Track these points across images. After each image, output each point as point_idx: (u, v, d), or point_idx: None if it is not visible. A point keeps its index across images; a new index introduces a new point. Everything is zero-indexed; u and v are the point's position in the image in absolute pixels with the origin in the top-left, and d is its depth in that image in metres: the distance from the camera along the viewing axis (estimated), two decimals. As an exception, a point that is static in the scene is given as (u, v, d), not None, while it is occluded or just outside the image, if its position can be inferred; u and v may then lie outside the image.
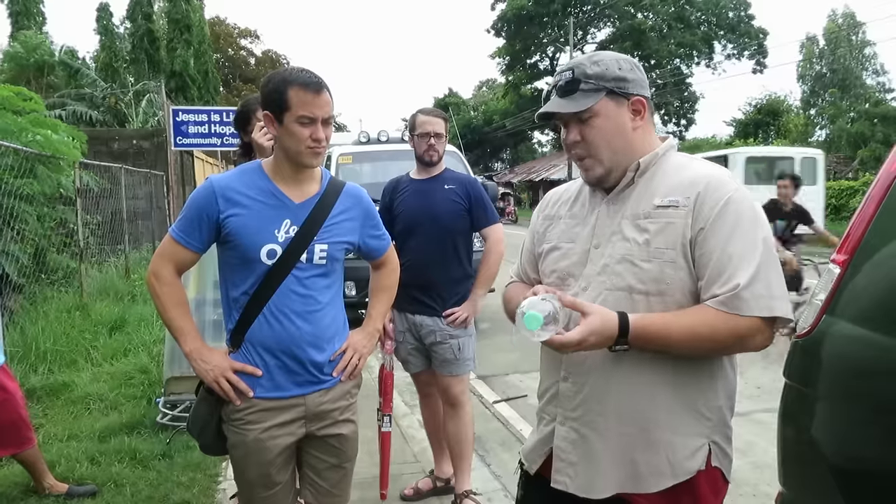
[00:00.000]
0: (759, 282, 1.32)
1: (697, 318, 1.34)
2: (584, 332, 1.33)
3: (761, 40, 39.33)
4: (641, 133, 1.48)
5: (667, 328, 1.35)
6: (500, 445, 4.07)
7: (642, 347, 1.36)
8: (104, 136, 13.72)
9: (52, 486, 3.24)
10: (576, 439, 1.49)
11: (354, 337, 2.00)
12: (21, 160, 6.17)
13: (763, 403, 4.47)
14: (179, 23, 23.18)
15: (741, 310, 1.31)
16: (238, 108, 2.77)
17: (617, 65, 1.46)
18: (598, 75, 1.44)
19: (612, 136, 1.46)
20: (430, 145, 3.04)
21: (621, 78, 1.45)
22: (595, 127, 1.46)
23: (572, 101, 1.46)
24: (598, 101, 1.44)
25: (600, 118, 1.45)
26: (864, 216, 1.73)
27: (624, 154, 1.47)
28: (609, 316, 1.35)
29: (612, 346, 1.36)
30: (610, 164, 1.47)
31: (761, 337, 1.35)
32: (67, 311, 6.28)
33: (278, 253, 1.81)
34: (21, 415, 3.08)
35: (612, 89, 1.44)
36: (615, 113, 1.45)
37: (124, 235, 9.80)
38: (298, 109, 1.75)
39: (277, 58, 39.50)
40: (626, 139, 1.47)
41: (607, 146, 1.46)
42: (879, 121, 29.52)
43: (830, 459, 1.66)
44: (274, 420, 1.86)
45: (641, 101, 1.47)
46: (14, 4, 22.83)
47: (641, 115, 1.47)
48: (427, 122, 3.05)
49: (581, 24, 41.24)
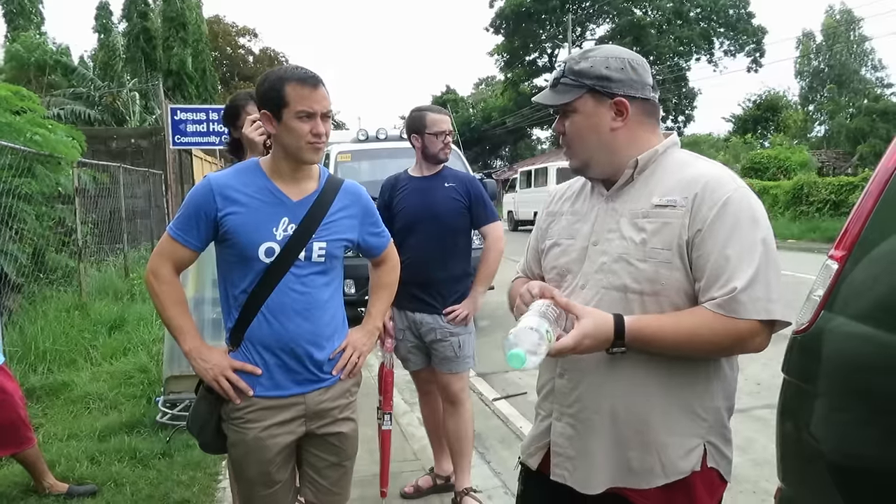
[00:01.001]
0: (757, 284, 1.31)
1: (695, 321, 1.34)
2: (577, 336, 1.32)
3: (760, 38, 39.30)
4: (625, 133, 1.47)
5: (662, 330, 1.35)
6: (499, 443, 4.07)
7: (640, 350, 1.36)
8: (102, 135, 13.71)
9: (53, 486, 3.24)
10: (572, 435, 1.49)
11: (354, 335, 1.99)
12: (19, 159, 6.16)
13: (763, 400, 4.48)
14: (175, 21, 23.09)
15: (739, 313, 1.31)
16: (227, 104, 2.76)
17: (605, 63, 1.44)
18: (580, 72, 1.45)
19: (585, 133, 1.48)
20: (446, 143, 3.06)
21: (604, 77, 1.44)
22: (573, 122, 1.49)
23: (555, 94, 1.49)
24: (578, 98, 1.46)
25: (577, 115, 1.47)
26: (861, 212, 1.73)
27: (600, 153, 1.48)
28: (603, 319, 1.35)
29: (609, 349, 1.36)
30: (584, 159, 1.50)
31: (759, 339, 1.35)
32: (66, 310, 6.28)
33: (276, 251, 1.81)
34: (20, 415, 3.08)
35: (592, 87, 1.45)
36: (593, 111, 1.46)
37: (123, 234, 9.79)
38: (297, 105, 1.75)
39: (276, 56, 39.42)
40: (602, 138, 1.47)
41: (581, 142, 1.49)
42: (879, 116, 29.51)
43: (828, 456, 1.66)
44: (274, 419, 1.86)
45: (624, 103, 1.45)
46: (9, 4, 22.78)
47: (624, 117, 1.46)
48: (441, 122, 3.06)
49: (580, 20, 41.17)
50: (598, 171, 1.51)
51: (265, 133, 2.29)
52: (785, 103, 36.33)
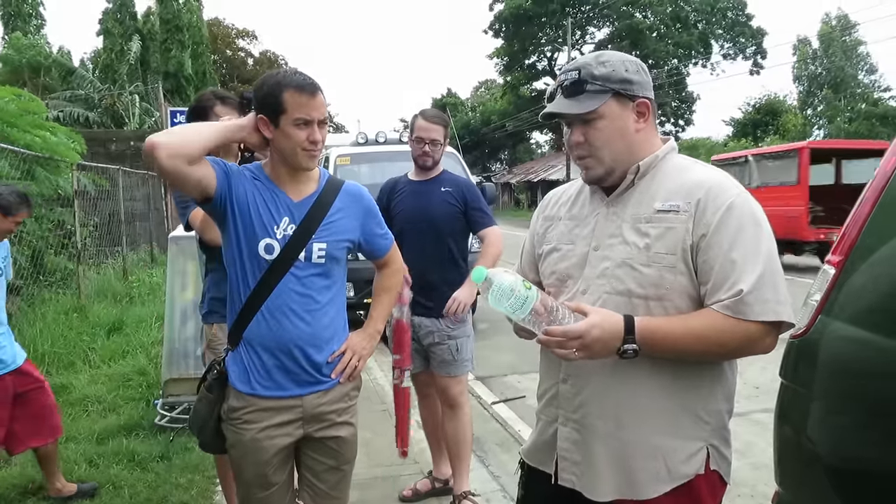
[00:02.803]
0: (765, 286, 1.32)
1: (703, 322, 1.34)
2: (586, 323, 1.33)
3: (759, 41, 39.42)
4: (644, 135, 1.48)
5: (673, 331, 1.35)
6: (498, 446, 4.07)
7: (650, 351, 1.36)
8: (101, 137, 13.73)
9: (63, 488, 3.26)
10: (577, 440, 1.50)
11: (354, 338, 1.99)
12: (19, 161, 6.17)
13: (761, 403, 4.48)
14: (170, 23, 23.09)
15: (746, 314, 1.31)
16: (192, 104, 2.63)
17: (623, 66, 1.45)
18: (604, 76, 1.44)
19: (614, 138, 1.45)
20: (424, 151, 3.05)
21: (627, 80, 1.44)
22: (598, 129, 1.45)
23: (577, 102, 1.45)
24: (604, 103, 1.43)
25: (605, 120, 1.44)
26: (859, 216, 1.74)
27: (625, 156, 1.47)
28: (611, 314, 1.36)
29: (620, 350, 1.35)
30: (611, 165, 1.47)
31: (769, 340, 1.36)
32: (65, 312, 6.28)
33: (276, 249, 1.81)
34: (53, 400, 3.30)
35: (617, 91, 1.44)
36: (619, 115, 1.45)
37: (122, 237, 9.80)
38: (294, 112, 1.76)
39: (275, 58, 39.44)
40: (628, 141, 1.46)
41: (609, 148, 1.46)
42: (878, 120, 29.56)
43: (825, 459, 1.67)
44: (271, 420, 1.87)
45: (646, 104, 1.46)
46: (6, 6, 22.80)
47: (645, 118, 1.47)
48: (423, 129, 3.05)
49: (579, 24, 41.26)
50: (618, 177, 1.49)
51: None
52: (785, 107, 36.39)
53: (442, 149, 3.10)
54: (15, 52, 19.84)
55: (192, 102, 2.71)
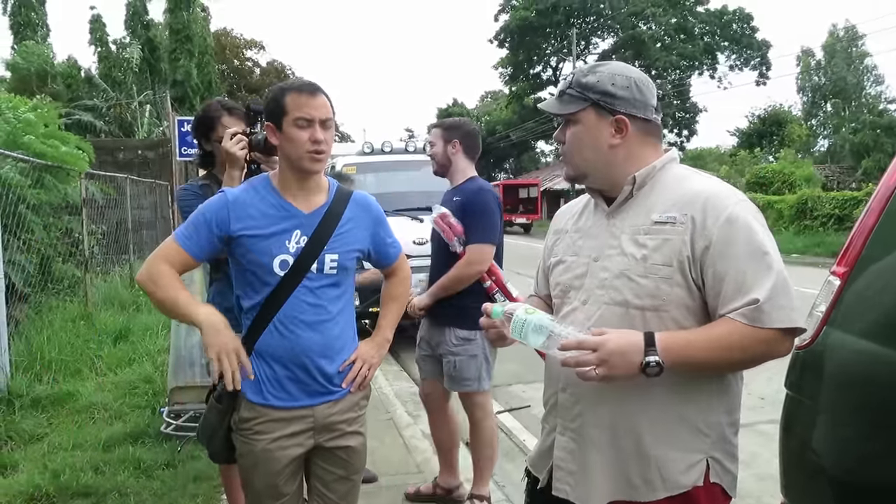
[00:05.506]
0: (779, 294, 1.33)
1: (724, 330, 1.35)
2: (601, 334, 1.35)
3: (764, 52, 39.46)
4: (624, 150, 1.49)
5: (695, 339, 1.36)
6: (503, 456, 4.05)
7: (671, 365, 1.34)
8: (109, 146, 13.83)
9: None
10: (574, 449, 1.50)
11: (363, 347, 1.99)
12: (29, 170, 6.23)
13: (766, 414, 4.46)
14: (180, 33, 23.25)
15: (764, 322, 1.32)
16: (199, 114, 2.58)
17: (611, 80, 1.47)
18: (587, 85, 1.48)
19: (585, 146, 1.51)
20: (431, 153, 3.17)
21: (609, 93, 1.47)
22: (573, 132, 1.52)
23: (559, 103, 1.53)
24: (581, 110, 1.49)
25: (580, 126, 1.50)
26: (864, 228, 1.75)
27: (601, 166, 1.50)
28: (629, 331, 1.37)
29: (643, 363, 1.32)
30: (582, 169, 1.54)
31: (787, 345, 1.37)
32: (72, 320, 6.30)
33: (290, 263, 1.82)
34: None
35: (596, 101, 1.47)
36: (594, 125, 1.49)
37: (129, 245, 9.85)
38: (294, 112, 1.77)
39: (283, 68, 39.59)
40: (600, 153, 1.49)
41: (580, 154, 1.52)
42: (883, 131, 29.51)
43: (830, 470, 1.67)
44: (283, 431, 1.87)
45: (624, 121, 1.47)
46: (17, 16, 22.99)
47: (623, 134, 1.48)
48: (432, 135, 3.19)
49: (584, 34, 41.43)
50: (592, 182, 1.55)
51: (246, 147, 2.29)
52: (791, 118, 36.36)
53: (443, 154, 3.11)
54: (23, 61, 19.99)
55: (197, 112, 2.69)
